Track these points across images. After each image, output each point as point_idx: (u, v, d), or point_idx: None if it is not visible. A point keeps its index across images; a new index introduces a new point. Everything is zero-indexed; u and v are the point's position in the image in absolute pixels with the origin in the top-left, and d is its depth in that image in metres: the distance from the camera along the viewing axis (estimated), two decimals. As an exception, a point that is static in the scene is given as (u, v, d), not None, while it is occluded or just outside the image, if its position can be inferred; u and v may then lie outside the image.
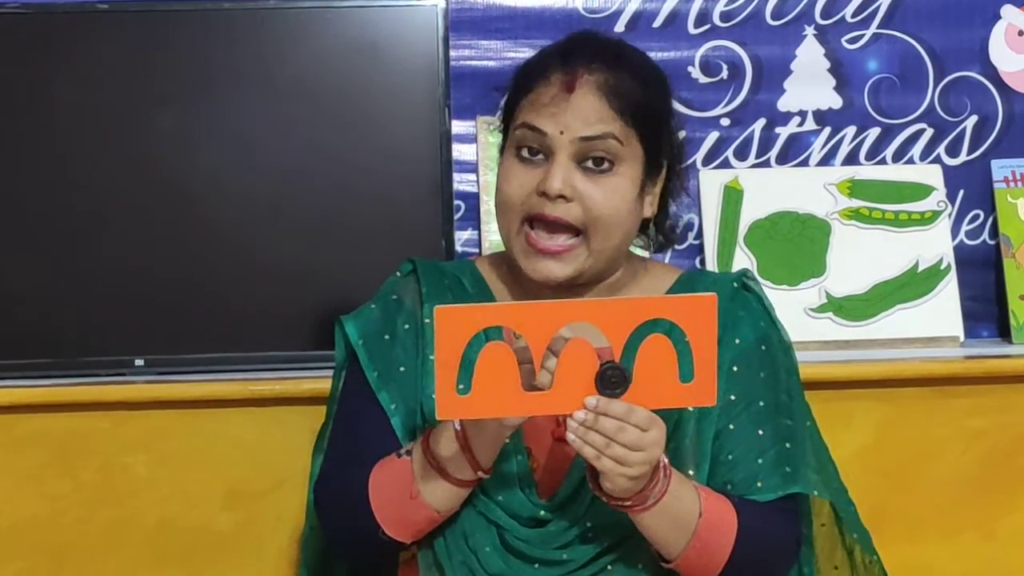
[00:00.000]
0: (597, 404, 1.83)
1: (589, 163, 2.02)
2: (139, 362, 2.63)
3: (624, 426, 1.84)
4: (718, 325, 1.93)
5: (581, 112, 2.02)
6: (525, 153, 2.04)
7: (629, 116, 2.03)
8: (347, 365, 2.14)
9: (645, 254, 2.21)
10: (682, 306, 1.85)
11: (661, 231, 2.17)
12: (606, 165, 2.02)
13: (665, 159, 2.11)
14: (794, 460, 2.04)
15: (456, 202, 2.75)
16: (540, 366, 1.85)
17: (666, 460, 1.92)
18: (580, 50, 2.08)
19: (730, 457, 2.04)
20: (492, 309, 1.89)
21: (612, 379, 1.84)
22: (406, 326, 2.10)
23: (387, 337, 2.10)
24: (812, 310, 2.76)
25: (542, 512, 2.01)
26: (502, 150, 2.12)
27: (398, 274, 2.18)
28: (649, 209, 2.11)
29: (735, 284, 2.12)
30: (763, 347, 2.09)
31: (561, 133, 2.01)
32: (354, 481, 2.00)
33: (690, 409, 2.01)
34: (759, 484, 2.02)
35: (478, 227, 2.81)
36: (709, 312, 1.84)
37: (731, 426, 2.04)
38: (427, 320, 2.08)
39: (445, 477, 1.94)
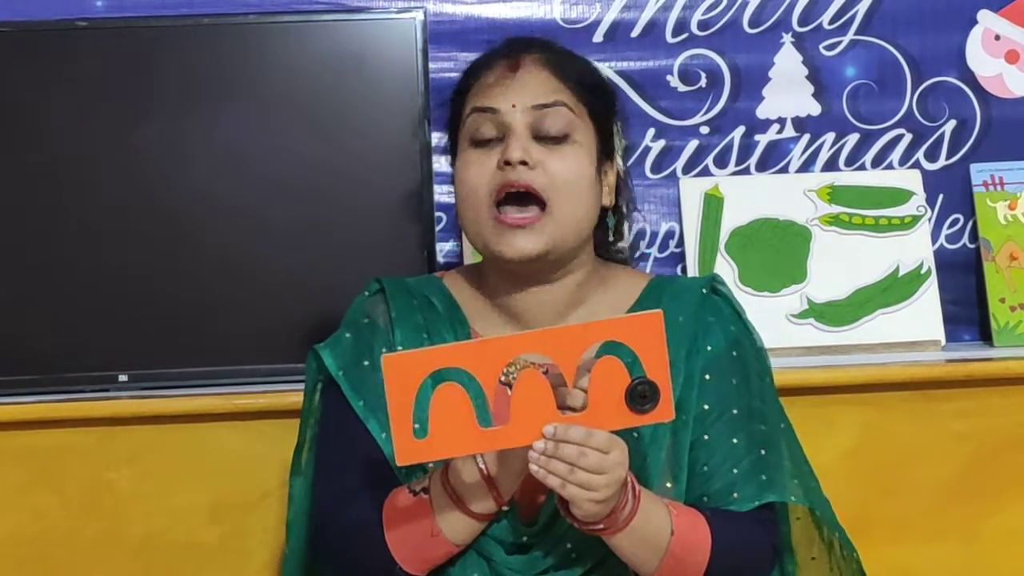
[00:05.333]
0: (555, 432, 1.83)
1: (545, 137, 2.04)
2: (123, 378, 2.63)
3: (585, 451, 1.83)
4: (688, 334, 1.94)
5: (530, 85, 2.05)
6: (480, 138, 2.06)
7: (576, 86, 2.07)
8: (324, 392, 2.14)
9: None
10: (628, 326, 1.85)
11: (618, 229, 2.18)
12: (562, 137, 2.05)
13: (617, 150, 2.14)
14: (770, 467, 2.04)
15: (437, 213, 2.75)
16: (494, 400, 1.86)
17: (634, 480, 1.92)
18: (519, 41, 2.13)
19: (705, 468, 2.04)
20: (440, 352, 1.87)
21: (643, 394, 1.84)
22: (384, 349, 2.09)
23: (366, 363, 2.09)
24: (794, 316, 2.76)
25: (524, 537, 2.01)
26: (453, 158, 2.13)
27: (366, 294, 2.17)
28: (607, 198, 2.13)
29: (704, 290, 2.12)
30: (734, 353, 2.09)
31: (513, 106, 2.04)
32: (364, 517, 1.99)
33: (665, 422, 1.98)
34: (735, 495, 2.02)
35: (459, 238, 2.81)
36: (656, 329, 1.84)
37: (706, 436, 2.04)
38: (399, 347, 2.08)
39: (466, 512, 1.94)
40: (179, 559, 2.55)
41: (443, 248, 2.82)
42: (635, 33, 2.89)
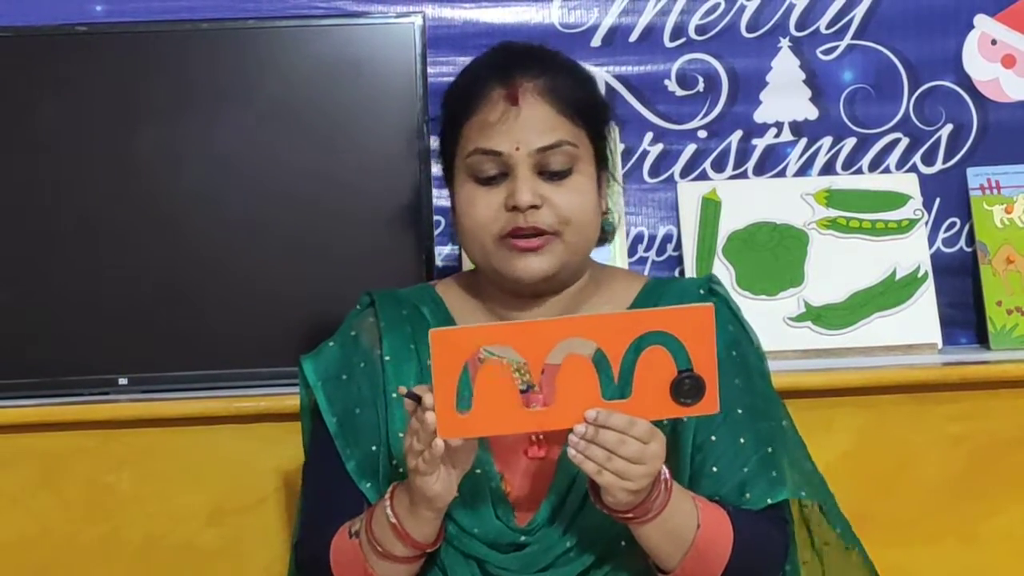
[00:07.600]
0: (597, 417, 1.82)
1: (549, 173, 2.03)
2: (123, 381, 2.64)
3: (625, 439, 1.83)
4: None
5: (531, 123, 2.03)
6: (483, 176, 2.04)
7: (577, 116, 2.05)
8: (313, 410, 2.14)
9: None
10: (680, 317, 1.85)
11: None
12: (566, 172, 2.04)
13: (612, 154, 2.14)
14: (778, 463, 2.04)
15: (436, 218, 2.75)
16: (537, 383, 1.86)
17: (667, 472, 1.91)
18: (513, 60, 2.09)
19: (714, 469, 2.03)
20: (488, 330, 1.90)
21: (688, 388, 1.84)
22: (362, 364, 2.10)
23: (344, 377, 2.10)
24: (791, 319, 2.77)
25: (521, 537, 2.01)
26: (448, 176, 2.12)
27: (357, 307, 2.17)
28: (603, 203, 2.12)
29: (701, 291, 2.12)
30: (734, 353, 2.08)
31: (517, 149, 2.02)
32: (321, 550, 2.02)
33: (664, 421, 1.96)
34: (747, 496, 2.01)
35: (458, 242, 2.82)
36: (707, 322, 1.84)
37: (712, 438, 2.03)
38: (387, 357, 2.08)
39: (391, 559, 1.95)
40: (179, 562, 2.56)
41: (441, 252, 2.82)
42: (633, 38, 2.89)
